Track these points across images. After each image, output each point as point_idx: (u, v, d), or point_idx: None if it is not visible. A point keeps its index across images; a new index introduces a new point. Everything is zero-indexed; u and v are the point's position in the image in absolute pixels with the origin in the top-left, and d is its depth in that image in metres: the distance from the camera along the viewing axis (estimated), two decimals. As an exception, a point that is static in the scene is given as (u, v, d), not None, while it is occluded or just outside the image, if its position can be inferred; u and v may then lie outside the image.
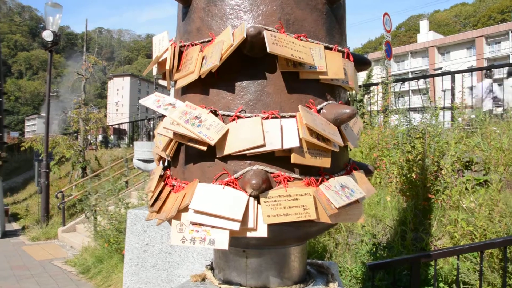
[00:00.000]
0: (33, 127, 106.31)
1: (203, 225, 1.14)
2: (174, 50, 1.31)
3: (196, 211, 1.14)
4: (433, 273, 3.08)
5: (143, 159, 2.77)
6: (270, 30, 1.19)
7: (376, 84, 8.40)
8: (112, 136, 21.87)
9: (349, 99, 1.55)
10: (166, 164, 1.49)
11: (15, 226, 11.51)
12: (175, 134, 1.20)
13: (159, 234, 2.65)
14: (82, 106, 13.35)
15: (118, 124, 21.08)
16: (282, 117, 1.20)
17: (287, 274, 1.40)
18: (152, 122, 14.66)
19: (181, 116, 1.18)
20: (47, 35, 9.75)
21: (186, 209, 1.16)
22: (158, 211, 1.27)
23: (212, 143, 1.14)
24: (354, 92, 1.78)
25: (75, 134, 16.74)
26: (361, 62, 1.53)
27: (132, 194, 8.46)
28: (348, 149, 1.50)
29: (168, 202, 1.26)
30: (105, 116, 16.06)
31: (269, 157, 1.18)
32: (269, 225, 1.15)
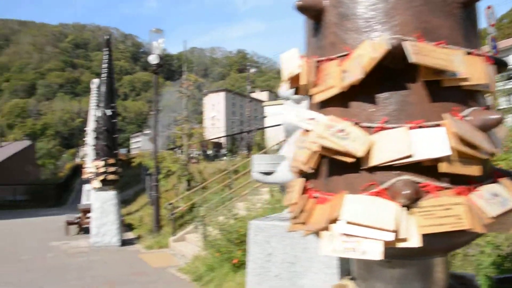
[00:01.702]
0: (138, 144, 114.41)
1: (354, 235, 1.17)
2: (310, 66, 1.37)
3: (347, 222, 1.17)
4: None
5: (261, 172, 2.88)
6: (410, 40, 1.20)
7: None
8: (207, 150, 22.82)
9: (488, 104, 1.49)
10: (300, 176, 1.54)
11: (130, 235, 12.42)
12: (321, 147, 1.25)
13: (281, 244, 2.72)
14: (185, 122, 14.17)
15: (217, 138, 21.98)
16: (427, 126, 1.19)
17: (432, 286, 1.38)
18: (250, 135, 15.17)
19: (326, 130, 1.23)
20: (153, 59, 10.52)
21: (335, 220, 1.20)
22: (304, 223, 1.32)
23: (360, 155, 1.17)
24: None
25: (179, 149, 17.75)
26: (497, 65, 1.47)
27: (236, 205, 8.71)
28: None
29: (315, 213, 1.31)
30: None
31: (416, 167, 1.18)
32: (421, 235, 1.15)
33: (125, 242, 10.94)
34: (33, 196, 31.86)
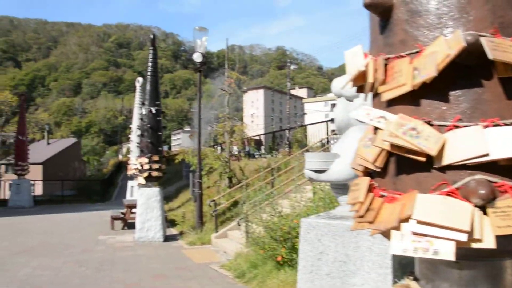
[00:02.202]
0: (179, 141, 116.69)
1: (425, 235, 1.15)
2: (378, 63, 1.35)
3: (419, 222, 1.15)
4: None
5: (314, 169, 2.87)
6: (487, 36, 1.17)
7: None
8: (248, 147, 22.93)
9: None
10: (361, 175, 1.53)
11: (173, 231, 12.65)
12: (392, 146, 1.24)
13: (333, 243, 2.71)
14: (227, 119, 14.32)
15: (259, 135, 22.11)
16: (503, 124, 1.16)
17: (502, 288, 1.34)
18: (291, 132, 15.16)
19: (397, 128, 1.21)
20: (197, 57, 10.66)
21: (406, 219, 1.18)
22: (371, 222, 1.31)
23: (433, 153, 1.15)
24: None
25: (219, 146, 17.96)
26: None
27: (280, 202, 8.73)
28: None
29: (383, 212, 1.30)
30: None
31: (491, 166, 1.15)
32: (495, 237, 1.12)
33: (168, 238, 11.16)
34: (80, 191, 33.11)
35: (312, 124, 15.95)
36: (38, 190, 28.92)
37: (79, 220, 15.89)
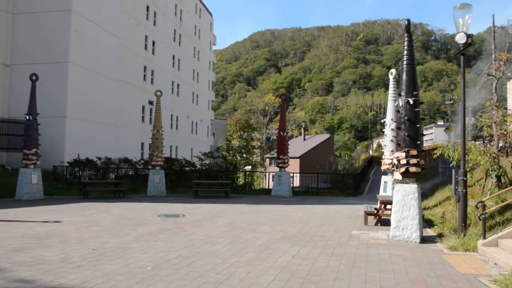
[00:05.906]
0: (430, 135, 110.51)
1: None
2: None
3: None
4: None
5: None
6: None
7: None
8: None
9: None
10: None
11: (430, 232, 11.65)
12: None
13: None
14: (495, 108, 12.29)
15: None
16: None
17: None
18: None
19: None
20: (460, 38, 9.34)
21: None
22: None
23: None
24: None
25: (483, 140, 15.78)
26: None
27: None
28: None
29: None
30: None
31: None
32: None
33: (424, 239, 10.28)
34: (333, 184, 34.52)
35: None
36: (296, 181, 31.38)
37: (333, 213, 16.33)
